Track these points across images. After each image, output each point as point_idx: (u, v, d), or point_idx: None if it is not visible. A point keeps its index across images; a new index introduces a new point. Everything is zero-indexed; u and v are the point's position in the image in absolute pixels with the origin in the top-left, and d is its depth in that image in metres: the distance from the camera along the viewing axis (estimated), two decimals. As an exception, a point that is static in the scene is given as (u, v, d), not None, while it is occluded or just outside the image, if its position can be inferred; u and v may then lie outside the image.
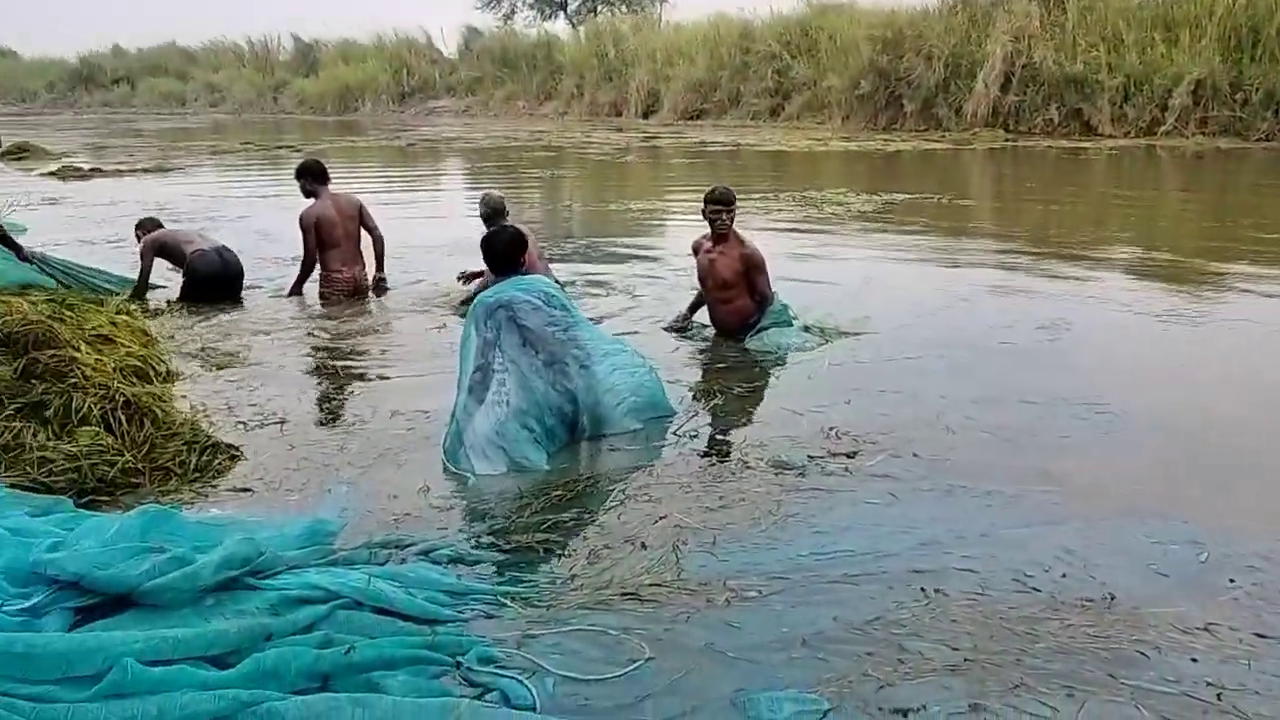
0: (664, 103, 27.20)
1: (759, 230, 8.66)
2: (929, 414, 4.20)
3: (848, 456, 3.76)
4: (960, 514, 3.32)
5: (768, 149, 18.93)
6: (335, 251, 6.72)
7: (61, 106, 40.55)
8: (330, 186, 6.86)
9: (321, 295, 6.77)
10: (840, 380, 4.76)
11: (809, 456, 3.76)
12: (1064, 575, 2.92)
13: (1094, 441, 3.93)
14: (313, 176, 6.78)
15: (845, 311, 5.88)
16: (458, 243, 8.23)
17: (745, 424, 4.26)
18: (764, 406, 4.52)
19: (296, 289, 6.86)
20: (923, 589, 2.84)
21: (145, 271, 6.70)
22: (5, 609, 2.38)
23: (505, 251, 4.23)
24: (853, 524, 3.25)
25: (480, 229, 6.57)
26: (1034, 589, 2.84)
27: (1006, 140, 19.15)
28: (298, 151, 19.60)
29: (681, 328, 5.80)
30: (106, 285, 6.71)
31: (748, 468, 3.71)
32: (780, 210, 10.67)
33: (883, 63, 21.88)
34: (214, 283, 6.67)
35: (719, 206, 5.42)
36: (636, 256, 8.31)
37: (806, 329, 5.57)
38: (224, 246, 6.82)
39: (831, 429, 4.02)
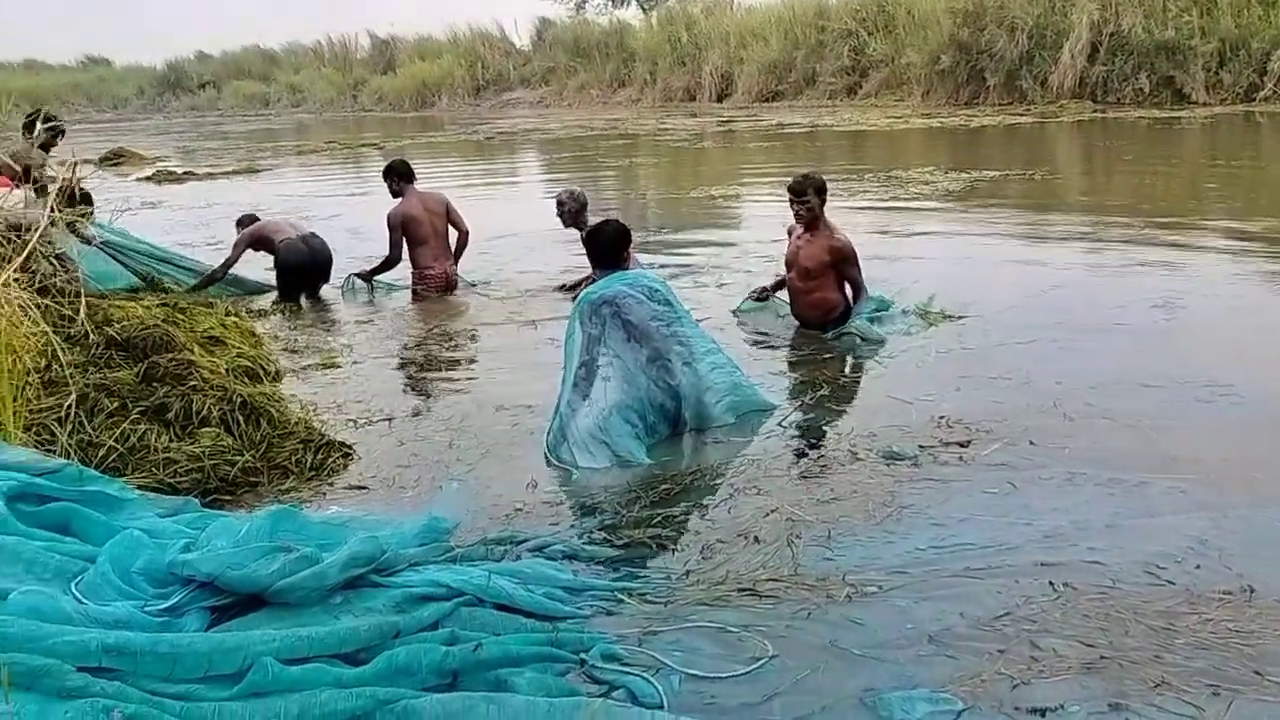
0: (738, 86, 26.97)
1: (842, 213, 8.53)
2: (1045, 400, 4.09)
3: (961, 446, 3.68)
4: (1083, 503, 3.22)
5: (846, 129, 18.66)
6: (425, 249, 6.81)
7: (151, 112, 41.85)
8: (417, 184, 6.94)
9: (415, 292, 6.87)
10: (949, 367, 4.66)
11: (920, 446, 3.69)
12: (1198, 566, 2.81)
13: (1220, 426, 3.78)
14: (399, 176, 6.88)
15: (944, 295, 5.74)
16: (539, 236, 8.28)
17: (852, 414, 4.20)
18: (871, 396, 4.45)
19: (368, 275, 6.96)
20: (1050, 583, 2.76)
21: (230, 261, 6.86)
22: (147, 609, 2.45)
23: (610, 246, 4.23)
24: (971, 515, 3.18)
25: (557, 226, 6.62)
26: (1168, 581, 2.75)
27: (1095, 112, 18.56)
28: (380, 149, 19.94)
29: (761, 296, 5.72)
30: (184, 267, 6.88)
31: (857, 459, 3.66)
32: (864, 191, 10.50)
33: (963, 36, 21.36)
34: (303, 271, 6.81)
35: (791, 197, 5.33)
36: (717, 243, 8.25)
37: (905, 313, 5.47)
38: (311, 234, 6.94)
39: (942, 418, 3.94)
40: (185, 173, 16.23)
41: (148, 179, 15.48)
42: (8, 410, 3.37)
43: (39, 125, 6.61)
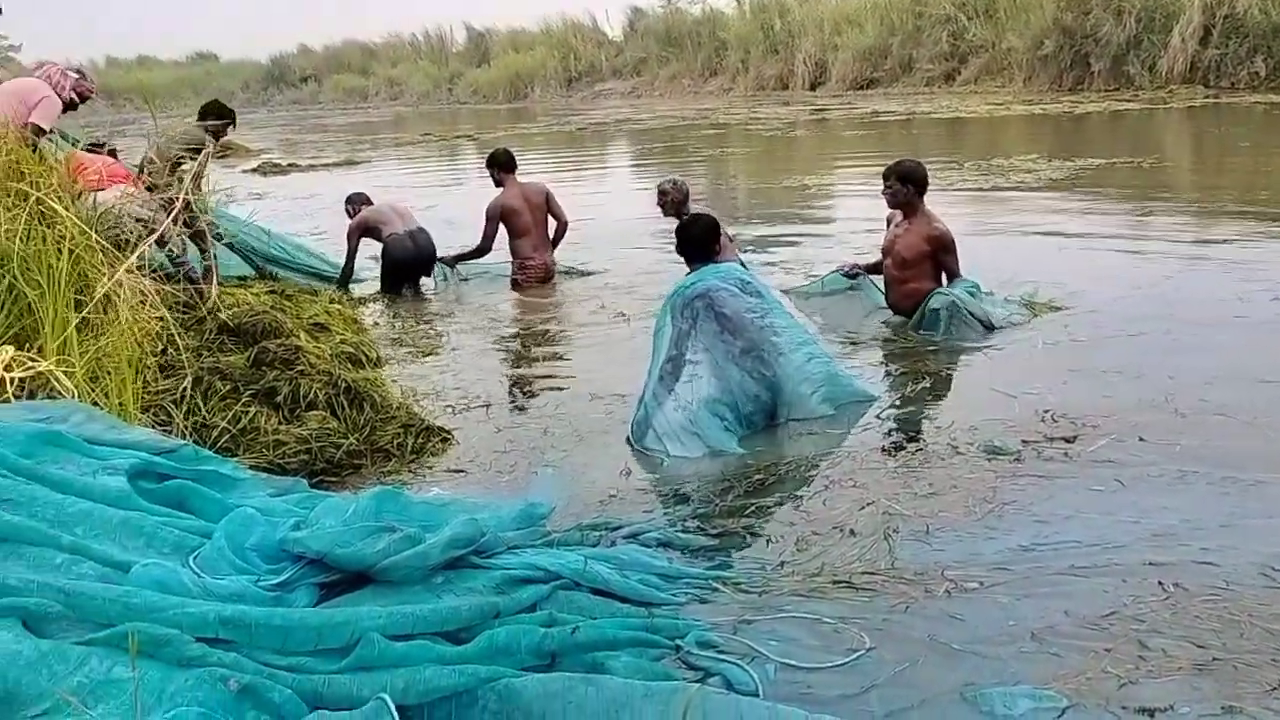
0: (832, 73, 26.62)
1: (941, 201, 8.35)
2: (1156, 395, 3.95)
3: (1067, 441, 3.58)
4: (1195, 502, 3.11)
5: (944, 116, 18.27)
6: (525, 239, 6.90)
7: (256, 105, 43.13)
8: (516, 174, 7.03)
9: (514, 282, 6.97)
10: (1056, 360, 4.52)
11: (1024, 441, 3.60)
12: (1319, 570, 2.70)
13: (1344, 425, 3.61)
14: (500, 166, 6.98)
15: (1049, 285, 5.60)
16: (631, 226, 8.32)
17: (953, 407, 4.11)
18: (973, 389, 4.35)
19: (452, 260, 7.07)
20: (1160, 583, 2.68)
21: (351, 253, 7.05)
22: (260, 584, 2.54)
23: (701, 240, 4.23)
24: (1076, 513, 3.10)
25: (648, 215, 6.62)
26: (1286, 585, 2.64)
27: (1207, 97, 17.80)
28: (475, 140, 20.25)
29: (850, 273, 5.64)
30: (310, 264, 7.08)
31: (957, 453, 3.59)
32: (964, 180, 10.27)
33: (1067, 20, 20.70)
34: (407, 266, 6.97)
35: (882, 181, 5.27)
36: (808, 234, 8.17)
37: (1008, 301, 5.34)
38: (419, 228, 7.08)
39: (1048, 412, 3.84)
40: (289, 164, 16.75)
41: (253, 170, 16.00)
42: (128, 392, 3.53)
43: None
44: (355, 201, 7.46)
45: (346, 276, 6.98)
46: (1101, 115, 16.56)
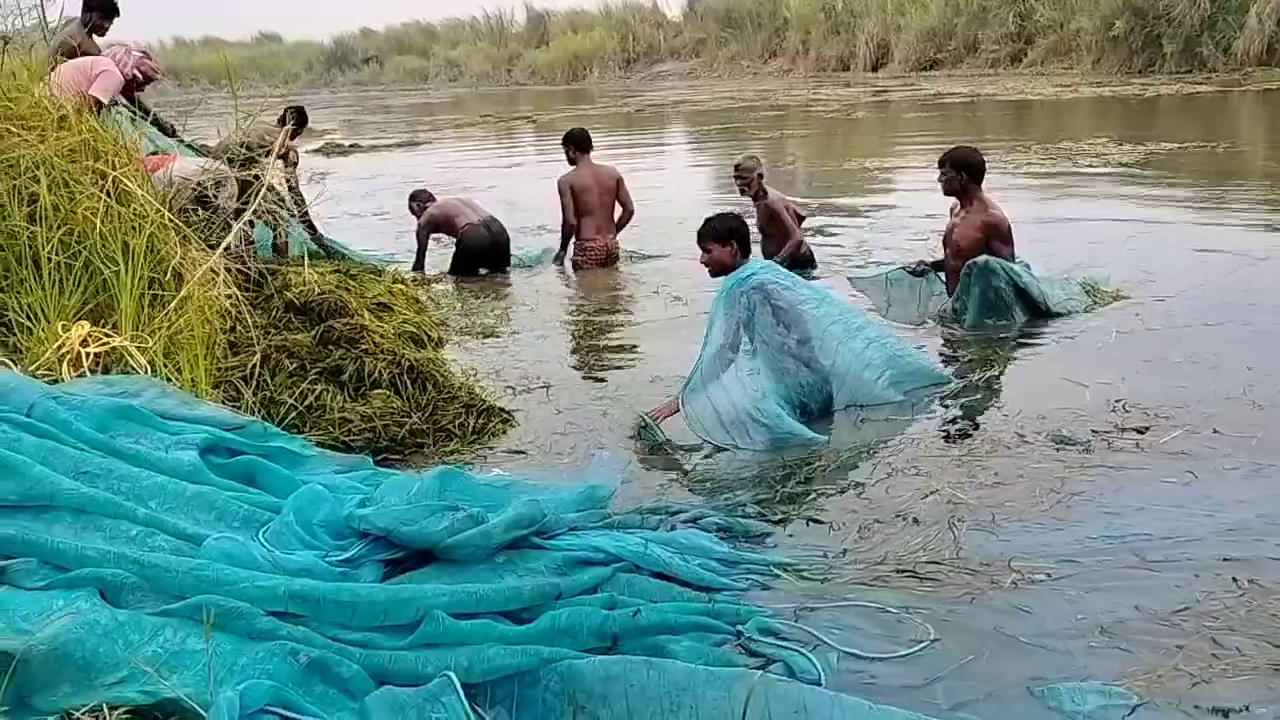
0: (894, 54, 26.22)
1: (1007, 185, 8.22)
2: (1233, 387, 3.83)
3: (1138, 432, 3.50)
4: (1272, 497, 3.02)
5: (1010, 98, 17.91)
6: (589, 219, 6.91)
7: (319, 86, 43.68)
8: (592, 156, 7.03)
9: (575, 263, 6.98)
10: (1130, 350, 4.41)
11: (1094, 432, 3.52)
12: (1404, 570, 2.61)
13: None
14: (575, 144, 6.99)
15: (1118, 272, 5.47)
16: (689, 208, 8.25)
17: (1022, 395, 4.02)
18: (1043, 378, 4.23)
19: (561, 256, 7.09)
20: (1234, 579, 2.61)
21: (422, 250, 7.11)
22: (327, 559, 2.58)
23: (746, 233, 4.15)
24: (1147, 505, 3.03)
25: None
26: (1369, 585, 2.56)
27: (1286, 79, 17.24)
28: (533, 122, 20.30)
29: (917, 271, 5.50)
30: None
31: (1025, 442, 3.52)
32: (1030, 164, 10.06)
33: (1139, 1, 20.13)
34: (483, 255, 7.03)
35: (937, 168, 5.17)
36: (867, 219, 8.06)
37: (1069, 282, 5.22)
38: (491, 218, 7.13)
39: (1119, 401, 3.75)
40: (351, 145, 16.93)
41: (317, 151, 16.19)
42: (200, 368, 3.60)
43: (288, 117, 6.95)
44: (420, 199, 7.48)
45: (417, 268, 7.02)
46: (1173, 98, 16.11)
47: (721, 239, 4.09)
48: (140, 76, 5.95)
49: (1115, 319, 4.86)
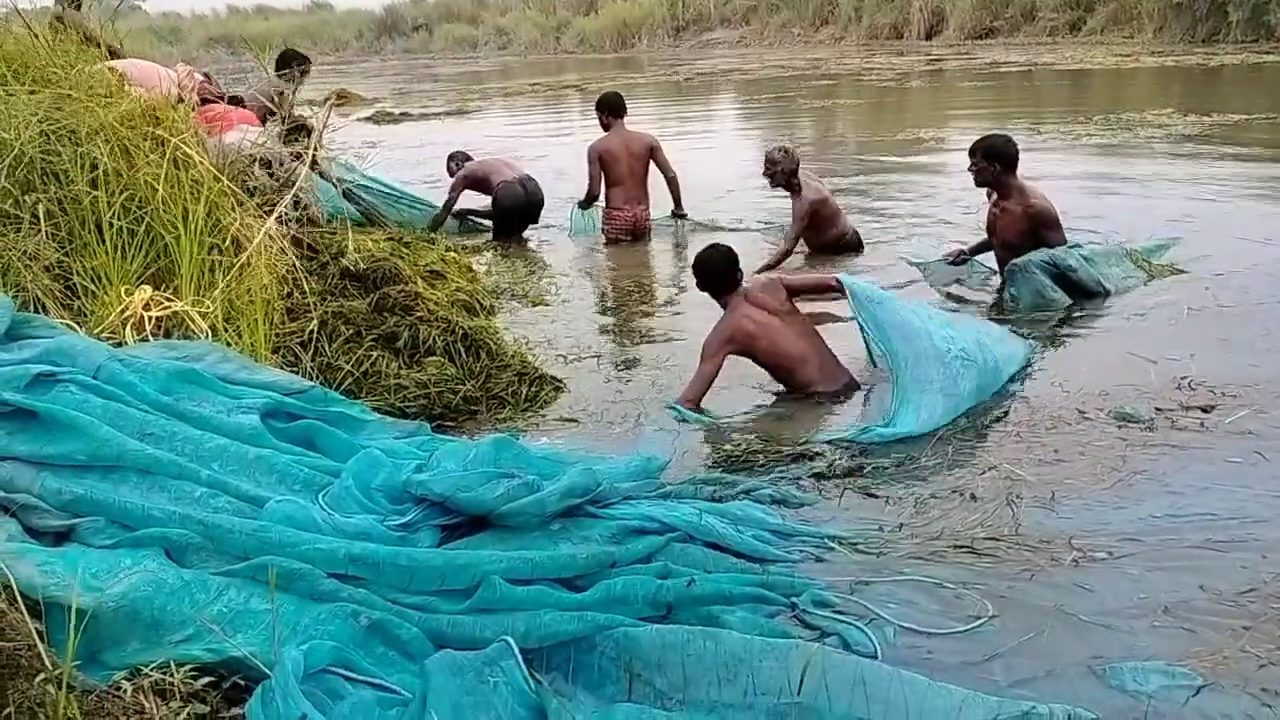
0: (949, 22, 25.73)
1: (1064, 156, 8.02)
2: (1305, 367, 3.74)
3: (1203, 411, 3.42)
4: (1342, 479, 2.95)
5: (1068, 68, 17.49)
6: (618, 189, 6.82)
7: (369, 54, 43.82)
8: (625, 121, 6.95)
9: (604, 231, 6.94)
10: (1200, 326, 4.29)
11: (1157, 409, 3.45)
12: None
13: None
14: (608, 109, 6.91)
15: (1179, 246, 5.33)
16: (735, 180, 8.18)
17: (1084, 370, 3.93)
18: (1108, 354, 4.12)
19: (584, 204, 7.06)
20: (1304, 561, 2.55)
21: (451, 202, 7.13)
22: (386, 524, 2.61)
23: (725, 269, 4.01)
24: (1212, 484, 2.97)
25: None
26: None
27: (1358, 49, 16.64)
28: (581, 91, 20.19)
29: (956, 260, 5.38)
30: (413, 209, 7.15)
31: (1085, 418, 3.46)
32: (1090, 135, 9.82)
33: (1206, -34, 19.54)
34: (518, 213, 7.05)
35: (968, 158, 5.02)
36: (917, 192, 7.92)
37: (1122, 257, 5.08)
38: (527, 176, 7.13)
39: (1185, 378, 3.66)
40: (401, 114, 16.98)
41: (368, 119, 16.26)
42: (259, 333, 3.64)
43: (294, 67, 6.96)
44: (457, 159, 7.54)
45: (439, 223, 7.00)
46: (1239, 68, 15.63)
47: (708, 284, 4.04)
48: (198, 101, 5.93)
49: (1186, 294, 4.72)
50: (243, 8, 50.31)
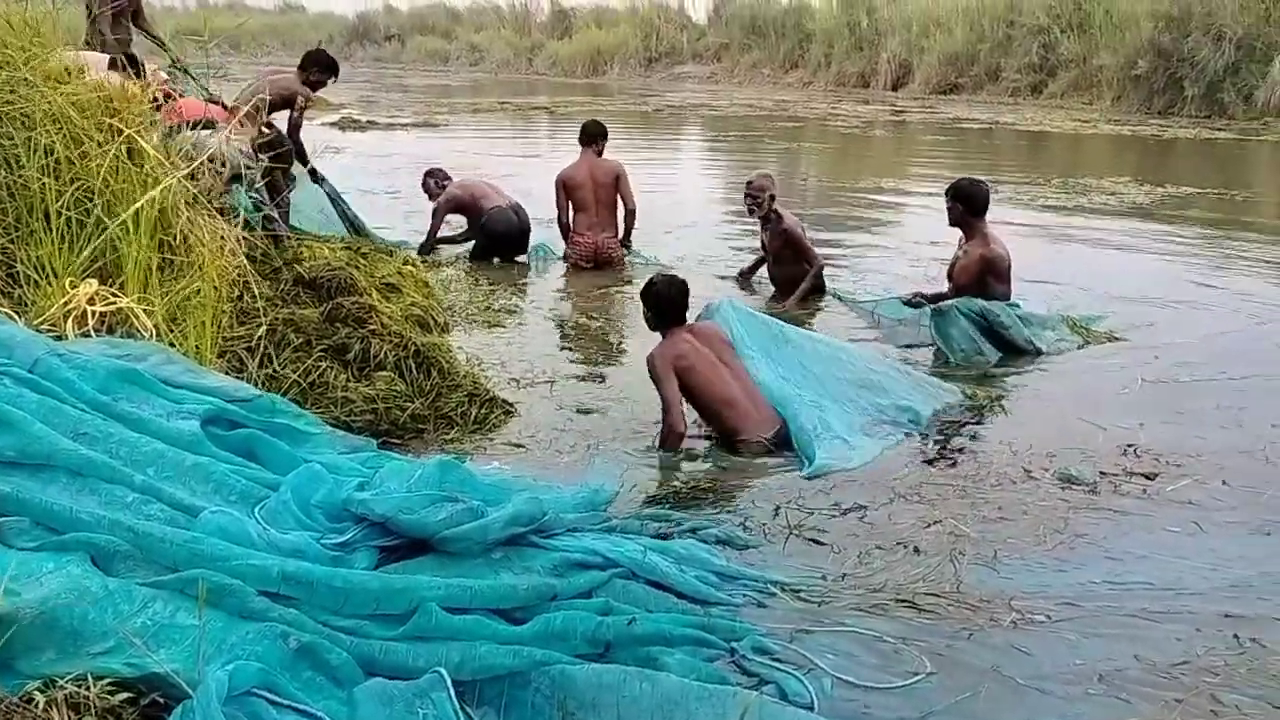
0: (915, 75, 26.17)
1: (1017, 221, 8.16)
2: (1250, 441, 3.79)
3: (1146, 478, 3.47)
4: (1276, 555, 3.00)
5: (1028, 128, 17.87)
6: (581, 215, 6.79)
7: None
8: (596, 149, 6.90)
9: (565, 256, 6.92)
10: (1152, 396, 4.35)
11: (1101, 473, 3.50)
12: None
13: None
14: (582, 136, 6.92)
15: (1121, 313, 5.44)
16: (699, 211, 8.19)
17: (1033, 431, 3.97)
18: (1057, 416, 4.17)
19: (567, 254, 6.98)
20: (1236, 636, 2.58)
21: (435, 230, 7.01)
22: (322, 542, 2.54)
23: (681, 300, 4.00)
24: (1151, 553, 3.00)
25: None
26: (1372, 652, 2.53)
27: (1306, 133, 17.20)
28: (551, 113, 20.23)
29: (912, 302, 5.42)
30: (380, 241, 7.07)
31: (1030, 478, 3.50)
32: (1044, 197, 10.02)
33: (1164, 41, 20.07)
34: (508, 240, 6.95)
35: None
36: (868, 241, 8.00)
37: (1067, 327, 5.18)
38: (517, 204, 7.05)
39: (1130, 446, 3.72)
40: (368, 121, 16.85)
41: (333, 125, 16.11)
42: (205, 336, 3.56)
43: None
44: (438, 176, 7.36)
45: (425, 251, 6.93)
46: (1191, 141, 16.08)
47: (648, 304, 4.02)
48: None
49: (1135, 361, 4.80)
50: (214, 4, 49.74)
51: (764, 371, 3.98)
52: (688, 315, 4.02)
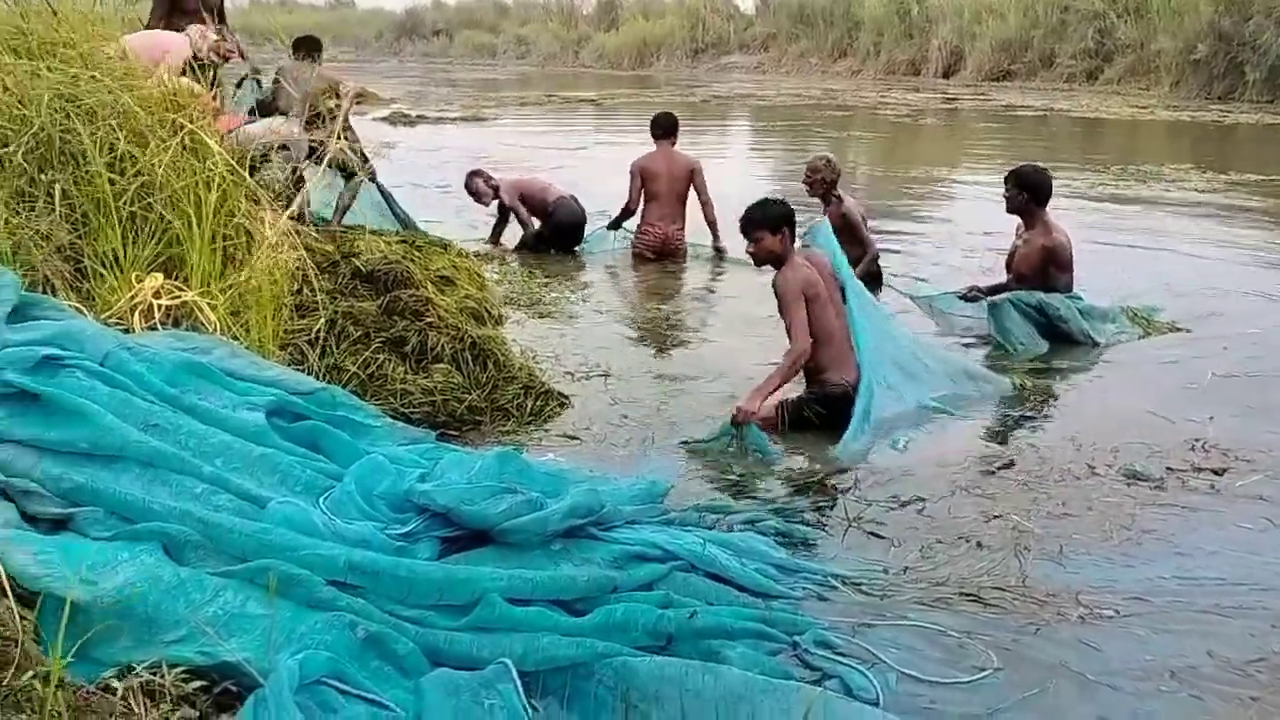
0: (967, 62, 25.82)
1: (1072, 208, 8.01)
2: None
3: (1215, 474, 3.39)
4: (1353, 551, 2.91)
5: (1083, 115, 17.55)
6: (654, 205, 6.83)
7: (388, 55, 43.90)
8: (670, 141, 6.94)
9: (633, 244, 6.93)
10: (1222, 389, 4.23)
11: (1168, 469, 3.42)
12: None
13: None
14: (655, 127, 6.97)
15: (1185, 306, 5.32)
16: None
17: (1097, 425, 3.88)
18: (1123, 410, 4.07)
19: (614, 225, 7.06)
20: (1314, 634, 2.52)
21: (526, 217, 6.99)
22: (386, 532, 2.57)
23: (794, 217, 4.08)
24: (1221, 549, 2.93)
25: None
26: None
27: (1372, 117, 16.70)
28: (597, 105, 20.24)
29: (969, 296, 5.32)
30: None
31: (1094, 473, 3.43)
32: (1101, 185, 9.83)
33: (1224, 25, 19.60)
34: (571, 230, 7.01)
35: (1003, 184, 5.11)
36: (921, 230, 7.90)
37: (1127, 318, 5.08)
38: (574, 196, 7.11)
39: (1198, 440, 3.63)
40: (417, 116, 16.97)
41: (384, 119, 16.26)
42: (267, 328, 3.61)
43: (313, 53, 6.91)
44: (485, 175, 7.35)
45: (526, 243, 6.97)
46: (1254, 127, 15.68)
47: (773, 226, 3.98)
48: (217, 59, 5.91)
49: (1201, 353, 4.68)
50: (266, 2, 50.40)
51: (854, 305, 4.05)
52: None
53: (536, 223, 7.03)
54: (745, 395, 3.79)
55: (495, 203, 7.22)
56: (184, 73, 5.18)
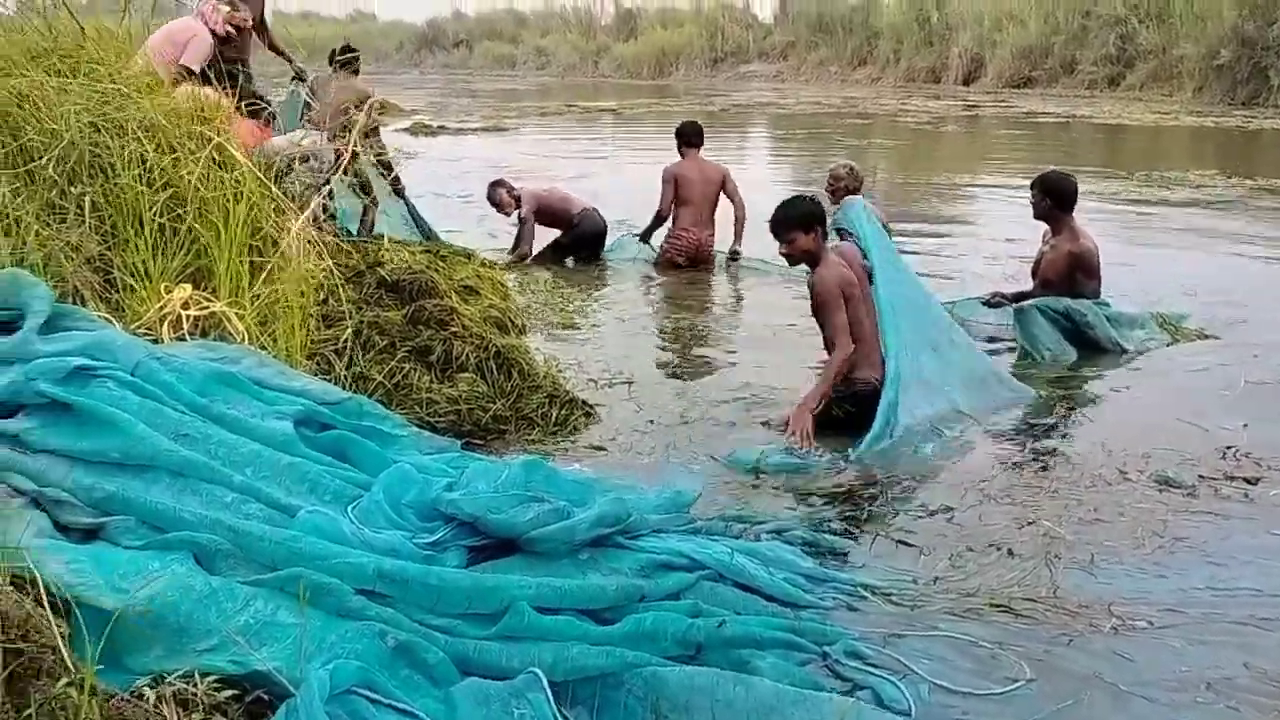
0: (988, 69, 25.70)
1: (1098, 215, 7.95)
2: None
3: (1248, 482, 3.35)
4: (1391, 563, 2.87)
5: (1105, 122, 17.44)
6: (687, 209, 6.83)
7: (409, 66, 44.16)
8: (699, 151, 6.99)
9: (664, 250, 6.91)
10: (1257, 397, 4.18)
11: (1200, 476, 3.38)
12: None
13: None
14: (681, 138, 6.99)
15: (1213, 312, 5.27)
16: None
17: (1128, 431, 3.85)
18: (1153, 417, 4.04)
19: (645, 236, 7.07)
20: (1353, 646, 2.48)
21: (531, 233, 7.00)
22: (415, 541, 2.57)
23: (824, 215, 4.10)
24: (1256, 558, 2.90)
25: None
26: None
27: (1399, 122, 16.52)
28: (617, 115, 20.29)
29: (993, 302, 5.31)
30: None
31: (1126, 480, 3.40)
32: (1125, 191, 9.77)
33: (1248, 29, 19.43)
34: (594, 240, 7.06)
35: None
36: (944, 235, 7.87)
37: (1156, 324, 5.03)
38: (595, 208, 7.14)
39: (1230, 448, 3.60)
40: (438, 126, 17.06)
41: (405, 130, 16.35)
42: (295, 338, 3.63)
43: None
44: (507, 186, 7.36)
45: (525, 256, 6.98)
46: (1279, 133, 15.54)
47: (805, 225, 3.96)
48: (233, 31, 5.97)
49: (1233, 360, 4.64)
50: (288, 13, 50.79)
51: (883, 295, 4.03)
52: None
53: (552, 236, 7.04)
54: (793, 412, 3.79)
55: (517, 213, 7.25)
56: (207, 80, 5.26)
